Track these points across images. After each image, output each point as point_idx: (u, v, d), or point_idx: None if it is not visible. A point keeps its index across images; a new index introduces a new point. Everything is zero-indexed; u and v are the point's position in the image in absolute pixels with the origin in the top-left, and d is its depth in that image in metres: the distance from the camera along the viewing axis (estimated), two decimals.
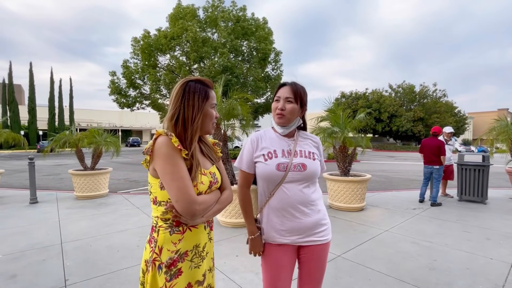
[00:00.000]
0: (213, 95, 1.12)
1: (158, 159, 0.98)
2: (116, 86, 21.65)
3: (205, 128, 1.11)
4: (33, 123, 30.11)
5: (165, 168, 0.97)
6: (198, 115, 1.05)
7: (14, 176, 9.68)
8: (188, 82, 1.08)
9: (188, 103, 1.04)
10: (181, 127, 1.04)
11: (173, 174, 0.96)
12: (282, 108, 1.31)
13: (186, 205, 0.95)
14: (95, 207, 5.16)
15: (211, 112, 1.10)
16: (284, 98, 1.32)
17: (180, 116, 1.04)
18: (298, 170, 1.28)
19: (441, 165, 5.44)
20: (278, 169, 1.28)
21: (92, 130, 6.29)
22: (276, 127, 1.38)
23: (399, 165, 15.67)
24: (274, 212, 1.31)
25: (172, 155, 0.97)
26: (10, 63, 30.21)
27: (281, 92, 1.34)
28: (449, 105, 39.34)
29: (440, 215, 4.76)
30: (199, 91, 1.07)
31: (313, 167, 1.31)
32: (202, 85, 1.09)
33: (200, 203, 0.99)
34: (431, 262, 2.90)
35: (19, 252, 3.08)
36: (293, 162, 1.30)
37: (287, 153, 1.32)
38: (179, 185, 0.95)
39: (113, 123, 44.17)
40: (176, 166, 0.97)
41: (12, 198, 5.85)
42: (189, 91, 1.05)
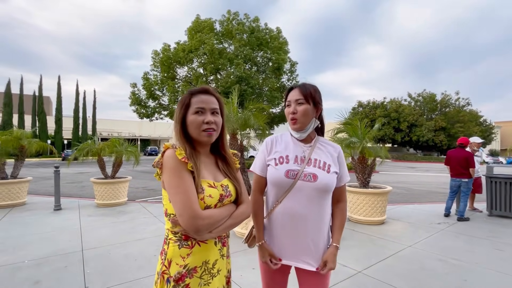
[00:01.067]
0: (198, 100, 1.06)
1: (165, 172, 0.99)
2: (137, 97, 22.51)
3: (194, 137, 1.06)
4: (59, 132, 31.76)
5: (170, 182, 0.97)
6: (180, 125, 1.06)
7: (40, 183, 10.16)
8: (181, 97, 1.11)
9: (175, 115, 1.08)
10: (176, 139, 1.08)
11: (177, 187, 0.95)
12: (294, 112, 1.25)
13: (189, 220, 0.92)
14: (114, 215, 5.29)
15: (193, 119, 1.04)
16: (295, 101, 1.26)
17: (174, 129, 1.09)
18: (308, 180, 1.21)
19: (470, 178, 5.14)
20: (287, 176, 1.22)
21: (114, 140, 6.52)
22: (293, 132, 1.32)
23: (421, 176, 15.01)
24: (278, 222, 1.27)
25: (177, 167, 0.97)
26: (41, 76, 32.38)
27: (290, 95, 1.29)
28: (474, 114, 37.60)
29: (468, 230, 4.47)
30: (181, 101, 1.08)
31: (325, 180, 1.21)
32: (188, 94, 1.09)
33: (205, 218, 0.95)
34: (461, 282, 2.71)
35: (43, 258, 3.18)
36: (304, 171, 1.23)
37: (300, 160, 1.26)
38: (182, 198, 0.94)
39: (132, 133, 45.71)
40: (180, 179, 0.96)
41: (38, 205, 6.12)
42: (178, 105, 1.10)
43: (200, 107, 1.06)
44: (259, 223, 1.32)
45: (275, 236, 1.29)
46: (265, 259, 1.29)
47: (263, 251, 1.30)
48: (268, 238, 1.32)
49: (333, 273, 2.85)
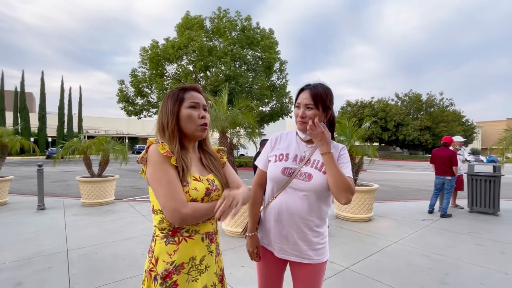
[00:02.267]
0: (191, 96, 1.08)
1: (149, 167, 0.98)
2: (124, 94, 22.03)
3: (188, 132, 1.06)
4: (43, 130, 30.71)
5: (152, 175, 0.96)
6: (171, 119, 1.04)
7: (22, 182, 9.82)
8: (168, 93, 1.10)
9: (163, 109, 1.07)
10: (162, 134, 1.06)
11: (160, 180, 0.94)
12: (303, 116, 1.25)
13: (172, 210, 0.91)
14: (101, 214, 5.18)
15: (188, 112, 1.05)
16: (304, 105, 1.25)
17: (160, 123, 1.07)
18: (303, 179, 1.24)
19: (453, 175, 5.33)
20: (283, 173, 1.26)
21: (100, 138, 6.37)
22: (299, 132, 1.34)
23: (407, 174, 15.42)
24: (271, 216, 1.30)
25: (160, 161, 0.96)
26: (23, 72, 31.17)
27: (300, 98, 1.27)
28: (457, 114, 38.87)
29: (451, 227, 4.63)
30: (172, 95, 1.07)
31: (319, 180, 1.22)
32: (179, 89, 1.09)
33: (188, 207, 0.94)
34: (443, 276, 2.81)
35: (25, 259, 3.08)
36: (301, 170, 1.25)
37: (299, 160, 1.29)
38: (165, 190, 0.93)
39: (120, 131, 44.75)
40: (162, 172, 0.95)
41: (20, 204, 5.91)
42: (166, 100, 1.08)
43: (195, 101, 1.08)
44: (254, 214, 1.36)
45: (269, 230, 1.32)
46: (252, 248, 1.35)
47: (252, 242, 1.35)
48: (262, 231, 1.36)
49: None
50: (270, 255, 1.34)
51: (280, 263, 1.35)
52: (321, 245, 1.30)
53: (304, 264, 1.28)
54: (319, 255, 1.28)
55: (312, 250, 1.27)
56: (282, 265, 1.37)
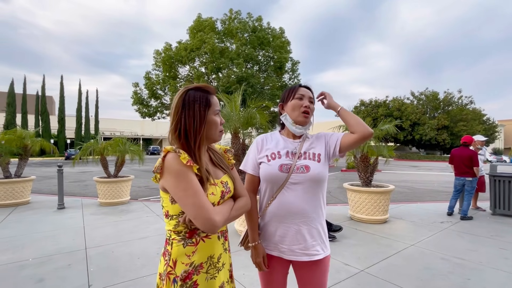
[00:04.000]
0: (216, 102, 1.07)
1: (169, 177, 0.95)
2: (139, 96, 22.55)
3: (211, 137, 1.07)
4: (62, 132, 31.93)
5: (177, 186, 0.94)
6: (200, 125, 1.00)
7: (44, 182, 10.23)
8: (188, 91, 1.02)
9: (189, 113, 0.99)
10: (183, 139, 1.00)
11: (187, 190, 0.93)
12: (307, 106, 1.30)
13: (206, 220, 0.92)
14: (117, 213, 5.31)
15: (215, 119, 1.05)
16: (308, 98, 1.32)
17: (182, 127, 0.99)
18: (301, 172, 1.24)
19: (474, 176, 5.12)
20: (280, 170, 1.25)
21: (117, 139, 6.54)
22: (292, 126, 1.32)
23: (423, 175, 14.96)
24: (273, 217, 1.28)
25: (183, 171, 0.94)
26: (44, 76, 32.49)
27: (303, 91, 1.33)
28: (477, 113, 37.37)
29: (472, 229, 4.45)
30: (199, 99, 1.01)
31: (316, 170, 1.24)
32: (203, 92, 1.03)
33: (219, 215, 0.97)
34: (464, 281, 2.70)
35: (46, 257, 3.20)
36: (297, 164, 1.26)
37: (291, 155, 1.29)
38: (194, 201, 0.92)
39: (134, 132, 45.87)
40: (188, 182, 0.94)
41: (41, 204, 6.16)
42: (189, 101, 1.00)
43: (218, 109, 1.08)
44: (254, 223, 1.31)
45: (273, 234, 1.29)
46: (258, 259, 1.29)
47: (257, 252, 1.30)
48: (263, 235, 1.33)
49: (335, 271, 2.85)
50: (274, 260, 1.31)
51: (284, 266, 1.33)
52: (325, 237, 1.30)
53: (310, 262, 1.26)
54: (325, 249, 1.28)
55: (319, 244, 1.26)
56: (286, 268, 1.35)
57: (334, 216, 5.12)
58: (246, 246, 1.36)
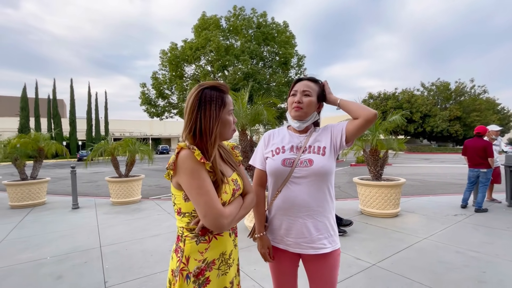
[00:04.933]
0: (230, 101, 1.07)
1: (183, 174, 0.96)
2: (146, 97, 22.80)
3: (224, 136, 1.08)
4: (74, 134, 32.66)
5: (191, 183, 0.95)
6: (215, 125, 1.00)
7: (58, 184, 10.52)
8: (204, 90, 1.01)
9: (205, 113, 0.99)
10: (199, 138, 1.00)
11: (199, 189, 0.94)
12: (299, 101, 1.26)
13: (214, 220, 0.94)
14: (129, 212, 5.42)
15: (229, 119, 1.06)
16: (301, 92, 1.28)
17: (197, 127, 0.99)
18: (305, 166, 1.23)
19: (489, 168, 4.98)
20: (283, 164, 1.26)
21: (126, 140, 6.65)
22: (292, 122, 1.33)
23: (435, 167, 14.66)
24: (279, 211, 1.29)
25: (197, 169, 0.95)
26: (54, 80, 33.22)
27: (298, 86, 1.30)
28: (491, 102, 36.23)
29: (487, 222, 4.35)
30: (215, 99, 1.01)
31: (320, 163, 1.22)
32: (218, 92, 1.03)
33: (227, 216, 0.98)
34: (479, 274, 2.65)
35: (64, 255, 3.31)
36: (301, 158, 1.25)
37: (296, 149, 1.29)
38: (206, 200, 0.94)
39: (143, 132, 46.50)
40: (201, 180, 0.95)
41: (57, 204, 6.34)
42: (205, 100, 0.99)
43: (232, 108, 1.10)
44: (260, 214, 1.35)
45: (278, 227, 1.31)
46: (263, 250, 1.33)
47: (262, 243, 1.34)
48: (271, 229, 1.35)
49: (347, 266, 2.84)
50: (282, 253, 1.32)
51: (293, 260, 1.34)
52: (333, 231, 1.29)
53: (318, 256, 1.26)
54: (333, 243, 1.27)
55: (326, 238, 1.26)
56: (295, 261, 1.35)
57: (344, 211, 5.09)
58: (254, 238, 1.39)
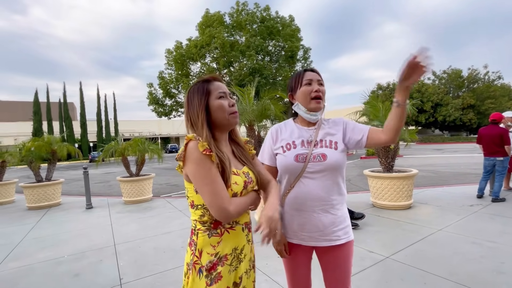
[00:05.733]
0: (217, 86, 1.08)
1: (190, 164, 0.97)
2: (154, 96, 23.02)
3: (222, 121, 1.06)
4: (85, 136, 33.37)
5: (196, 173, 0.96)
6: (200, 113, 1.04)
7: (72, 185, 10.80)
8: (191, 88, 1.10)
9: (192, 105, 1.06)
10: (193, 130, 1.06)
11: (205, 178, 0.95)
12: (318, 90, 1.23)
13: (219, 209, 0.94)
14: (141, 211, 5.52)
15: (219, 102, 1.05)
16: (317, 81, 1.25)
17: (190, 119, 1.07)
18: (318, 160, 1.21)
19: (506, 156, 4.81)
20: (296, 160, 1.23)
21: (136, 140, 6.74)
22: (307, 115, 1.28)
23: (449, 158, 14.31)
24: (291, 206, 1.27)
25: (202, 159, 0.95)
26: (64, 84, 33.88)
27: (310, 75, 1.27)
28: (506, 88, 34.95)
29: (505, 212, 4.22)
30: (197, 90, 1.07)
31: (334, 158, 1.21)
32: (201, 83, 1.09)
33: (233, 205, 0.98)
34: (498, 265, 2.57)
35: (80, 253, 3.39)
36: (313, 153, 1.23)
37: (307, 144, 1.26)
38: (210, 189, 0.94)
39: (152, 132, 47.11)
40: (206, 170, 0.95)
41: (71, 204, 6.51)
42: (192, 94, 1.07)
43: (222, 91, 1.09)
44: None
45: (291, 221, 1.29)
46: (279, 247, 1.30)
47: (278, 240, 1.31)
48: (283, 224, 1.32)
49: (360, 259, 2.80)
50: (296, 247, 1.31)
51: (307, 253, 1.33)
52: (346, 223, 1.28)
53: (334, 247, 1.25)
54: (346, 233, 1.26)
55: (340, 229, 1.25)
56: (309, 255, 1.34)
57: (356, 204, 5.03)
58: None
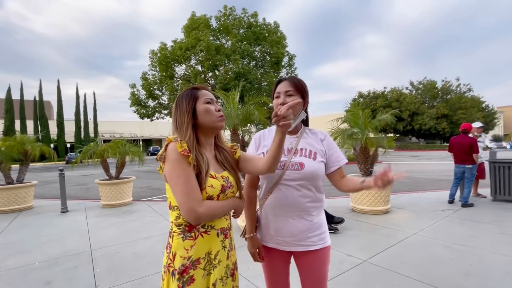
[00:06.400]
0: (204, 93, 1.13)
1: (168, 164, 0.99)
2: (136, 97, 22.48)
3: (209, 124, 1.10)
4: (62, 136, 31.89)
5: (171, 173, 0.98)
6: (186, 116, 1.06)
7: (46, 187, 10.27)
8: (181, 94, 1.14)
9: (180, 109, 1.08)
10: (178, 132, 1.07)
11: (178, 178, 0.96)
12: (284, 103, 1.25)
13: (189, 210, 0.95)
14: (120, 215, 5.34)
15: (206, 107, 1.09)
16: (284, 92, 1.27)
17: (175, 123, 1.10)
18: (296, 169, 1.25)
19: (474, 164, 5.14)
20: None
21: (116, 141, 6.55)
22: None
23: (424, 164, 14.99)
24: (269, 211, 1.31)
25: (178, 160, 0.97)
26: (40, 81, 32.35)
27: (280, 87, 1.30)
28: (476, 100, 37.29)
29: (473, 216, 4.48)
30: (186, 95, 1.11)
31: (311, 167, 1.25)
32: (190, 90, 1.13)
33: (204, 207, 0.98)
34: (466, 267, 2.73)
35: (53, 259, 3.24)
36: (292, 161, 1.27)
37: (287, 151, 1.30)
38: (182, 189, 0.96)
39: (134, 133, 45.83)
40: (181, 170, 0.97)
41: (45, 208, 6.19)
42: (181, 99, 1.11)
43: (210, 97, 1.13)
44: (251, 215, 1.36)
45: (268, 226, 1.33)
46: (253, 250, 1.36)
47: (252, 243, 1.36)
48: (261, 229, 1.37)
49: (339, 263, 2.88)
50: (273, 252, 1.35)
51: (284, 258, 1.36)
52: (322, 229, 1.32)
53: (309, 252, 1.29)
54: (322, 240, 1.30)
55: (315, 236, 1.29)
56: (287, 259, 1.38)
57: (336, 209, 5.15)
58: (246, 238, 1.41)
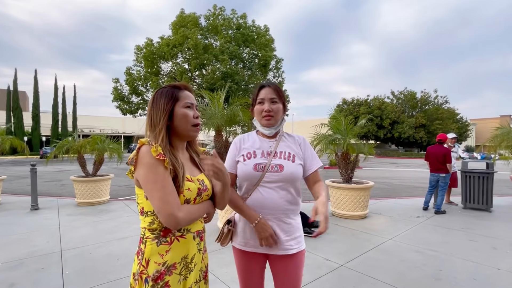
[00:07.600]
0: (186, 95, 1.07)
1: (141, 169, 0.94)
2: (119, 92, 21.83)
3: (183, 132, 1.05)
4: (37, 129, 30.35)
5: (146, 178, 0.93)
6: (162, 117, 1.00)
7: (16, 182, 9.70)
8: (159, 89, 1.07)
9: (156, 107, 1.02)
10: (151, 131, 1.02)
11: (155, 184, 0.92)
12: (270, 110, 1.31)
13: (168, 216, 0.92)
14: (96, 214, 5.13)
15: (184, 111, 1.04)
16: (269, 99, 1.32)
17: (151, 121, 1.03)
18: (275, 171, 1.27)
19: (447, 173, 5.39)
20: (255, 169, 1.28)
21: (95, 137, 6.30)
22: (262, 129, 1.36)
23: (402, 171, 15.56)
24: None
25: (154, 164, 0.93)
26: (16, 70, 30.68)
27: (263, 93, 1.33)
28: (451, 112, 39.25)
29: (445, 223, 4.69)
30: (165, 94, 1.04)
31: (290, 169, 1.28)
32: (171, 88, 1.06)
33: (183, 212, 0.95)
34: (436, 272, 2.84)
35: (18, 260, 3.05)
36: (271, 163, 1.29)
37: (267, 154, 1.32)
38: (160, 195, 0.92)
39: (115, 130, 44.39)
40: (158, 175, 0.93)
41: (13, 205, 5.84)
42: (159, 96, 1.04)
43: (190, 102, 1.08)
44: (243, 207, 1.28)
45: (245, 228, 1.32)
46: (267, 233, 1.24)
47: (264, 227, 1.24)
48: (237, 231, 1.36)
49: (316, 267, 2.91)
50: (249, 255, 1.34)
51: (260, 261, 1.35)
52: (299, 233, 1.33)
53: (284, 256, 1.29)
54: (299, 243, 1.31)
55: (292, 239, 1.30)
56: (263, 263, 1.37)
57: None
58: (223, 242, 1.38)
